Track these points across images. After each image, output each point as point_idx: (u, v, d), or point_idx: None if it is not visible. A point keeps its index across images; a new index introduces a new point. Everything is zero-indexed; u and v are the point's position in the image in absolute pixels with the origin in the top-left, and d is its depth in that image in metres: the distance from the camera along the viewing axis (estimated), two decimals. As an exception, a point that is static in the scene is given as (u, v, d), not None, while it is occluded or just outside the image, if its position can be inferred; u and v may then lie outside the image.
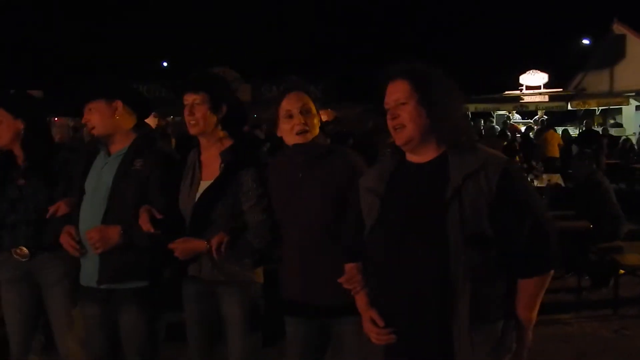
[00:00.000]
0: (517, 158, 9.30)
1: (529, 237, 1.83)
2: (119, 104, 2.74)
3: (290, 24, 36.55)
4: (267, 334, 2.73)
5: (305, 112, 2.47)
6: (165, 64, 31.91)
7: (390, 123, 1.91)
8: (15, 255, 2.96)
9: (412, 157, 1.98)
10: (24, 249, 2.94)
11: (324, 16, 37.08)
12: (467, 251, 1.79)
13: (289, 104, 2.48)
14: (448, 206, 1.81)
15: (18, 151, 3.01)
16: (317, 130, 2.50)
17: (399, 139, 1.91)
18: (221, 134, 2.71)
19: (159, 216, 2.58)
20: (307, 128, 2.47)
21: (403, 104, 1.89)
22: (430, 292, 1.83)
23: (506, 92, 24.11)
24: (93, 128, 2.75)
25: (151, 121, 3.37)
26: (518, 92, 23.90)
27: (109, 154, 2.79)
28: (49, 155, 2.99)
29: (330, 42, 35.21)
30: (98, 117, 2.73)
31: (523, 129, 18.88)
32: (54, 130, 15.12)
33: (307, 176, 2.46)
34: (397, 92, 1.90)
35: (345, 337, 2.46)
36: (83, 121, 2.79)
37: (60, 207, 2.80)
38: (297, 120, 2.46)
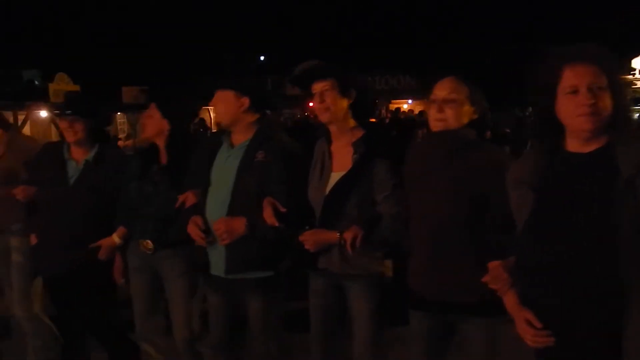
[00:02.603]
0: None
1: None
2: (246, 101, 2.78)
3: (383, 13, 36.26)
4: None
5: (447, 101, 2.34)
6: (262, 57, 32.67)
7: (585, 109, 1.73)
8: (141, 247, 3.11)
9: (574, 146, 1.82)
10: (149, 242, 3.08)
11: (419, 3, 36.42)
12: None
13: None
14: (621, 199, 1.67)
15: (160, 147, 3.17)
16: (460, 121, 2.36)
17: (593, 122, 1.73)
18: (352, 122, 2.68)
19: (282, 209, 2.60)
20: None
21: (600, 88, 1.74)
22: (599, 291, 1.70)
23: (616, 78, 22.63)
24: (217, 113, 2.84)
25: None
26: (630, 77, 22.39)
27: (232, 145, 2.85)
28: (188, 157, 3.08)
29: (424, 29, 34.56)
30: (223, 106, 2.81)
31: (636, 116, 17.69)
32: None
33: (448, 166, 2.35)
34: (591, 76, 1.75)
35: (472, 338, 2.37)
36: (210, 104, 2.86)
37: (189, 198, 2.87)
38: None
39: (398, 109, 20.60)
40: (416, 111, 19.45)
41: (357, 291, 2.62)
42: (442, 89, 2.36)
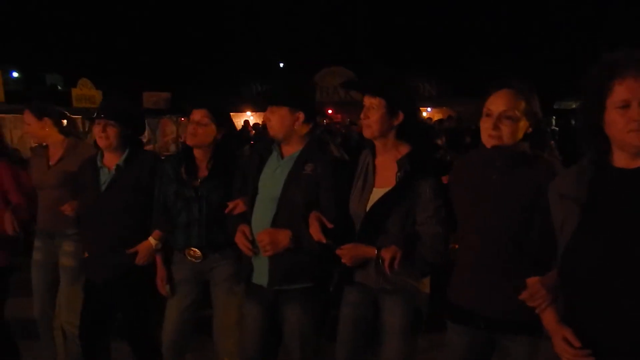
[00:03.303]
0: None
1: None
2: (300, 115, 2.76)
3: (401, 19, 36.19)
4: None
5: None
6: (282, 64, 32.83)
7: (636, 124, 1.67)
8: (188, 257, 3.10)
9: (621, 162, 1.77)
10: (197, 251, 3.07)
11: (438, 10, 36.25)
12: None
13: None
14: None
15: (200, 153, 3.13)
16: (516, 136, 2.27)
17: None
18: (396, 140, 2.64)
19: (330, 226, 2.57)
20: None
21: None
22: None
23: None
24: (271, 128, 2.81)
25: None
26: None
27: (282, 156, 2.83)
28: (231, 160, 3.11)
29: (443, 35, 34.40)
30: (278, 120, 2.77)
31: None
32: (181, 129, 16.14)
33: (502, 182, 2.28)
34: None
35: (515, 356, 2.31)
36: (264, 119, 2.88)
37: (239, 205, 2.88)
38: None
39: (417, 116, 20.45)
40: (435, 119, 19.37)
41: (391, 306, 2.60)
42: (499, 104, 2.24)
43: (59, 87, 27.61)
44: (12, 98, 15.13)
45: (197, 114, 3.08)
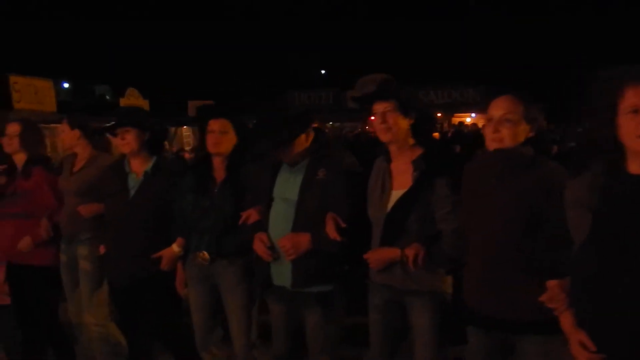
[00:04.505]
0: None
1: None
2: (309, 131, 2.87)
3: (442, 28, 35.92)
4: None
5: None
6: (323, 71, 32.99)
7: None
8: (198, 259, 3.20)
9: (634, 168, 1.79)
10: (206, 254, 3.16)
11: (479, 19, 35.86)
12: None
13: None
14: None
15: (218, 162, 3.23)
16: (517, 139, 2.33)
17: None
18: (411, 141, 2.71)
19: (343, 225, 2.66)
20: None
21: None
22: None
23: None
24: (290, 158, 2.87)
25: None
26: None
27: (292, 165, 2.90)
28: (241, 168, 3.19)
29: (486, 43, 34.01)
30: (294, 149, 2.85)
31: None
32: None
33: (502, 184, 2.33)
34: None
35: (529, 357, 2.31)
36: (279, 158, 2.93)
37: (252, 215, 2.97)
38: None
39: (461, 122, 20.28)
40: (480, 124, 19.10)
41: (419, 307, 2.63)
42: (498, 108, 2.33)
43: (107, 97, 28.40)
44: (63, 108, 15.65)
45: (217, 124, 3.18)
